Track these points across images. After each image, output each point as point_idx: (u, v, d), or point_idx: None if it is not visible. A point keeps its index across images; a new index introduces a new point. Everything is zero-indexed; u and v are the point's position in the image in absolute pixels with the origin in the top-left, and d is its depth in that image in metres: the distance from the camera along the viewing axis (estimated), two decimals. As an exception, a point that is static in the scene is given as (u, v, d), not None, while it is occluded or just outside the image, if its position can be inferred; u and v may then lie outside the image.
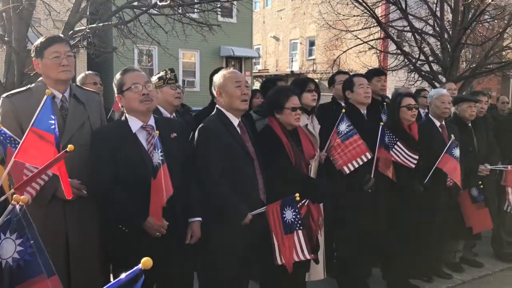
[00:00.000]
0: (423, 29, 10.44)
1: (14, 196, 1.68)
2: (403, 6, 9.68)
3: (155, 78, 3.74)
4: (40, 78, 2.80)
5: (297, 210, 2.98)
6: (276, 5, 29.99)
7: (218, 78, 3.14)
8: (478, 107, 5.03)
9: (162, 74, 3.75)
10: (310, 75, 19.11)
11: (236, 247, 2.99)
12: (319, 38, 24.97)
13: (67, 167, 2.11)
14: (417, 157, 4.04)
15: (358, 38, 11.22)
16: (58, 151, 2.09)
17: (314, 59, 26.35)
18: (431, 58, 10.26)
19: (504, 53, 12.10)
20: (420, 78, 10.83)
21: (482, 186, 4.59)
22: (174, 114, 3.79)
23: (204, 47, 17.04)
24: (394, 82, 13.17)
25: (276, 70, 28.04)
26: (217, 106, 3.19)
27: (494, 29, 11.76)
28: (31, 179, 2.07)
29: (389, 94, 6.05)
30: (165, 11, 8.00)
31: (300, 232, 3.00)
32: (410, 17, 10.08)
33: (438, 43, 10.25)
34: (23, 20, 6.05)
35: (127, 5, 7.64)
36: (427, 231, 4.31)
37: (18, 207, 1.66)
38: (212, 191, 2.97)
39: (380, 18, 10.29)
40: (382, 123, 4.02)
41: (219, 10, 9.61)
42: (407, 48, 11.29)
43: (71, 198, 2.26)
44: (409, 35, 10.94)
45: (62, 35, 3.48)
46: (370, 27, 11.01)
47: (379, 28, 10.45)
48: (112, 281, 1.56)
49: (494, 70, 10.88)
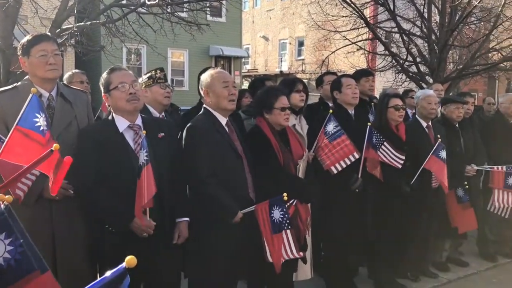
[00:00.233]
0: (411, 30, 10.51)
1: (-1, 195, 1.66)
2: (391, 7, 9.76)
3: (145, 77, 3.73)
4: (27, 77, 2.77)
5: (284, 210, 2.99)
6: (266, 5, 29.98)
7: (205, 78, 3.12)
8: (465, 108, 5.08)
9: (151, 73, 3.74)
10: (299, 75, 19.11)
11: (226, 247, 2.97)
12: (308, 39, 25.04)
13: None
14: (403, 157, 4.08)
15: (347, 39, 11.30)
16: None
17: (303, 59, 26.40)
18: (418, 59, 10.35)
19: (490, 54, 12.23)
20: (408, 79, 10.94)
21: (468, 186, 4.64)
22: (163, 113, 3.78)
23: (193, 46, 17.02)
24: (382, 82, 13.29)
25: (265, 70, 28.01)
26: (204, 105, 3.18)
27: (481, 31, 11.89)
28: (16, 178, 2.05)
29: (377, 94, 6.10)
30: (153, 10, 7.95)
31: (288, 231, 3.00)
32: (398, 18, 10.15)
33: (426, 44, 10.35)
34: (9, 18, 5.99)
35: (115, 3, 7.58)
36: (413, 230, 4.35)
37: (2, 206, 1.64)
38: (201, 190, 2.96)
39: (368, 19, 10.38)
40: (369, 124, 4.05)
41: (208, 9, 9.59)
42: (395, 49, 11.39)
43: (58, 197, 2.24)
44: (397, 36, 11.03)
45: (49, 33, 3.45)
46: (358, 28, 11.09)
47: (368, 29, 10.53)
48: (99, 280, 1.55)
49: (481, 72, 11.03)
